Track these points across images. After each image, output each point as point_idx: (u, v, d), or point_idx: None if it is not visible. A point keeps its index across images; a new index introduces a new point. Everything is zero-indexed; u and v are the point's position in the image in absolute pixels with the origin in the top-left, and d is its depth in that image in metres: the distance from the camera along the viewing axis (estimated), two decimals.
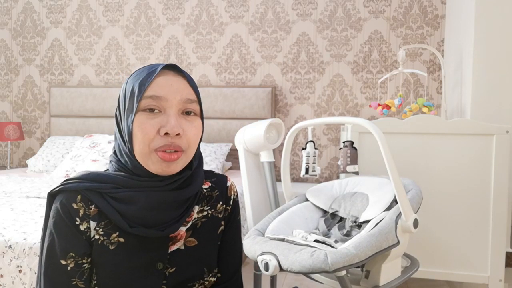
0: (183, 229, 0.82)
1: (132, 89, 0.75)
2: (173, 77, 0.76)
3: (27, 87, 3.63)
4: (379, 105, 2.38)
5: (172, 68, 0.77)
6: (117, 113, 0.79)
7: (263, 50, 3.19)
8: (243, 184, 1.73)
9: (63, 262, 0.74)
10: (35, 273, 1.36)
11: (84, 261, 0.75)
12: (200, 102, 0.80)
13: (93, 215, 0.76)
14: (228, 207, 0.89)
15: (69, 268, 0.74)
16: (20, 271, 1.37)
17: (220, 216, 0.87)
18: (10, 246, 1.40)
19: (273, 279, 1.66)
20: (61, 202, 0.75)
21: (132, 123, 0.74)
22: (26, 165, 3.63)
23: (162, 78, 0.75)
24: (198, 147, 0.83)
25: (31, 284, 1.35)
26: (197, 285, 0.82)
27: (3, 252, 1.39)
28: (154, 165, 0.74)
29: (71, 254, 0.74)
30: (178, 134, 0.74)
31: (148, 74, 0.75)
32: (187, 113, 0.77)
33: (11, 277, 1.37)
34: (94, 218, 0.76)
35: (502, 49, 2.19)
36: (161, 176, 0.76)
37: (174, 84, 0.75)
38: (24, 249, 1.38)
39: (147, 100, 0.73)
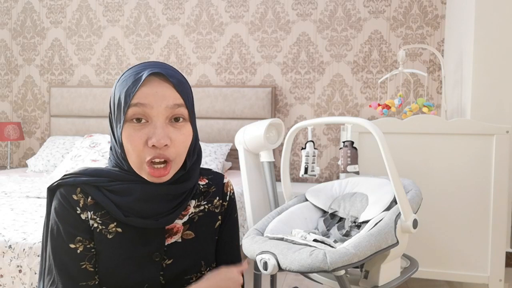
0: (179, 222, 0.83)
1: (119, 98, 0.75)
2: (159, 84, 0.75)
3: (27, 87, 3.63)
4: (379, 105, 2.38)
5: (158, 74, 0.76)
6: (109, 114, 0.80)
7: (263, 50, 3.19)
8: (243, 184, 1.73)
9: (72, 246, 0.75)
10: (35, 273, 1.36)
11: (91, 245, 0.77)
12: (189, 105, 0.79)
13: (91, 205, 0.78)
14: (224, 203, 0.91)
15: (78, 251, 0.75)
16: (20, 271, 1.37)
17: (217, 211, 0.89)
18: (10, 246, 1.40)
19: (273, 279, 1.66)
20: (62, 194, 0.77)
21: (121, 134, 0.75)
22: (26, 165, 3.64)
23: (147, 87, 0.74)
24: (199, 144, 0.84)
25: (31, 284, 1.36)
26: (194, 278, 0.83)
27: (3, 252, 1.40)
28: (146, 176, 0.77)
29: (78, 238, 0.76)
30: (166, 145, 0.74)
31: (134, 83, 0.74)
32: (176, 119, 0.77)
33: (11, 277, 1.38)
34: (92, 208, 0.78)
35: (502, 49, 2.19)
36: None
37: (159, 91, 0.75)
38: (24, 249, 1.39)
39: (133, 108, 0.74)
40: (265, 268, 1.11)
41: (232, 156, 3.15)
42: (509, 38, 2.18)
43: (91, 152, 2.78)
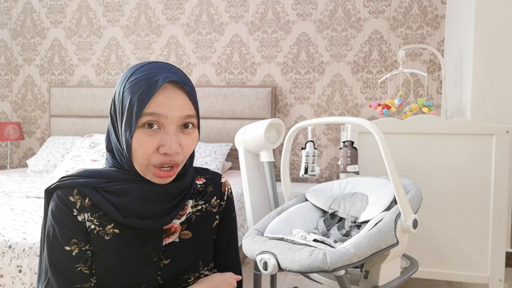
0: (177, 222, 0.83)
1: (131, 101, 0.74)
2: (173, 93, 0.75)
3: (27, 87, 3.63)
4: (379, 105, 2.38)
5: (173, 82, 0.76)
6: (112, 112, 0.79)
7: (263, 50, 3.19)
8: (243, 184, 1.73)
9: (67, 248, 0.75)
10: (35, 273, 1.36)
11: (87, 247, 0.77)
12: (198, 113, 0.80)
13: (88, 206, 0.78)
14: (222, 202, 0.91)
15: (73, 253, 0.76)
16: (20, 271, 1.37)
17: (214, 210, 0.89)
18: (10, 246, 1.40)
19: (273, 279, 1.66)
20: (59, 195, 0.77)
21: (131, 138, 0.74)
22: (26, 165, 3.64)
23: (162, 96, 0.74)
24: None
25: (31, 284, 1.36)
26: (192, 278, 0.83)
27: (3, 252, 1.40)
28: (150, 177, 0.77)
29: (74, 240, 0.76)
30: (177, 153, 0.75)
31: (148, 88, 0.73)
32: (185, 126, 0.77)
33: (11, 277, 1.38)
34: (89, 210, 0.78)
35: (502, 49, 2.19)
36: None
37: (174, 101, 0.75)
38: (24, 249, 1.39)
39: (146, 116, 0.73)
40: (265, 268, 1.11)
41: (232, 156, 3.15)
42: (509, 38, 2.18)
43: (91, 152, 2.78)
